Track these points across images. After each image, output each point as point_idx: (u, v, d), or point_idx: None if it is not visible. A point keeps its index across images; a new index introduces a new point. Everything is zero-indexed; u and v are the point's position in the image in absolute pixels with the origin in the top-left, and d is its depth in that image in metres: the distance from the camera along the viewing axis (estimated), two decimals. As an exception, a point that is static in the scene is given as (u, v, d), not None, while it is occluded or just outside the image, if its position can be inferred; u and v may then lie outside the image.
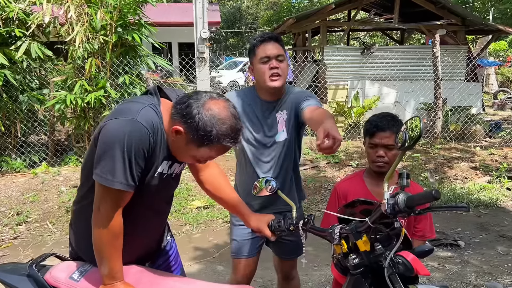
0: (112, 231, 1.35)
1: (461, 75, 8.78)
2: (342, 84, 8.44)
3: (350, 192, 1.99)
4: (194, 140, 1.33)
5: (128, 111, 1.33)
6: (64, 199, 4.81)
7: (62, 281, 1.43)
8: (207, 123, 1.30)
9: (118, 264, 1.40)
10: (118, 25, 5.76)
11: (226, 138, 1.33)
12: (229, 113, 1.35)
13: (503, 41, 18.33)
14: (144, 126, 1.30)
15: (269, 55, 2.00)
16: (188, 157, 1.42)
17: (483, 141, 7.87)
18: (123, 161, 1.28)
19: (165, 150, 1.42)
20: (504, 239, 4.08)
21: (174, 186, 1.64)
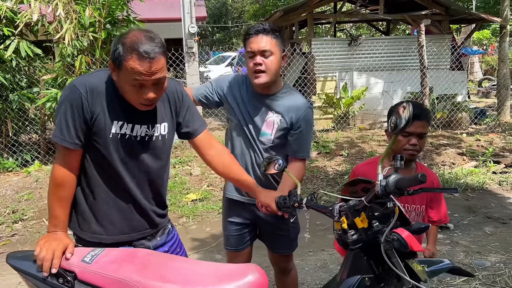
0: (54, 181, 1.56)
1: (446, 64, 8.93)
2: (331, 75, 8.53)
3: (369, 177, 2.04)
4: (115, 67, 1.47)
5: (81, 76, 1.60)
6: (59, 196, 4.83)
7: (74, 264, 1.47)
8: (116, 43, 1.47)
9: (61, 214, 1.57)
10: (106, 21, 5.76)
11: (133, 48, 1.42)
12: (139, 34, 1.47)
13: (487, 30, 18.59)
14: (78, 90, 1.50)
15: (253, 50, 1.95)
16: (125, 88, 1.49)
17: (469, 128, 8.06)
18: (60, 119, 1.52)
19: (116, 111, 1.55)
20: (491, 220, 4.23)
21: (148, 152, 1.65)
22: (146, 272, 1.41)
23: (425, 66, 7.18)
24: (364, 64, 8.53)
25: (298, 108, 2.08)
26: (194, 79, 7.29)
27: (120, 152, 1.60)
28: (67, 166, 1.55)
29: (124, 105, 1.56)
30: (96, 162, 1.62)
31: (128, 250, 1.62)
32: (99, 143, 1.57)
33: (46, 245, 1.48)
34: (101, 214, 1.65)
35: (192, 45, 7.20)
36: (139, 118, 1.60)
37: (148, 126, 1.62)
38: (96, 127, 1.55)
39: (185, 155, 6.11)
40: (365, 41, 8.65)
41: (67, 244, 1.51)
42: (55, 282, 1.47)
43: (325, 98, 7.86)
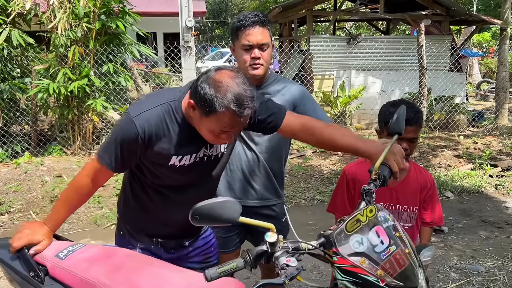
0: (74, 184, 1.56)
1: (445, 65, 8.88)
2: (328, 74, 8.46)
3: (360, 177, 1.97)
4: (202, 111, 1.35)
5: (137, 107, 1.47)
6: (48, 189, 4.74)
7: (48, 259, 1.45)
8: (206, 89, 1.33)
9: (61, 214, 1.58)
10: (101, 12, 5.66)
11: (228, 103, 1.31)
12: (233, 79, 1.34)
13: (487, 33, 18.57)
14: (136, 128, 1.42)
15: (252, 43, 1.87)
16: (206, 132, 1.42)
17: (466, 130, 7.99)
18: (111, 145, 1.48)
19: (175, 147, 1.49)
20: (486, 224, 4.16)
21: (203, 170, 1.63)
22: (116, 275, 1.36)
23: (423, 67, 7.12)
24: (362, 63, 8.46)
25: (290, 90, 2.03)
26: (190, 74, 7.19)
27: (173, 176, 1.57)
28: (94, 180, 1.55)
29: (185, 140, 1.50)
30: (142, 181, 1.62)
31: (107, 249, 1.58)
32: (151, 171, 1.56)
33: (23, 231, 1.52)
34: (142, 223, 1.70)
35: (189, 39, 7.10)
36: (199, 146, 1.54)
37: (207, 147, 1.57)
38: (152, 161, 1.52)
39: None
40: (364, 40, 8.58)
41: (38, 240, 1.50)
42: (26, 274, 1.45)
43: (322, 97, 7.79)
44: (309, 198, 4.91)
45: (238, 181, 2.11)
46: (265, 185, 2.13)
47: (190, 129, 1.47)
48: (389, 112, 1.89)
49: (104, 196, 4.76)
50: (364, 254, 1.21)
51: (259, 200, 2.14)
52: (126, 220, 1.74)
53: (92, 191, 1.59)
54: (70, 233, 4.02)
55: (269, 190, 2.15)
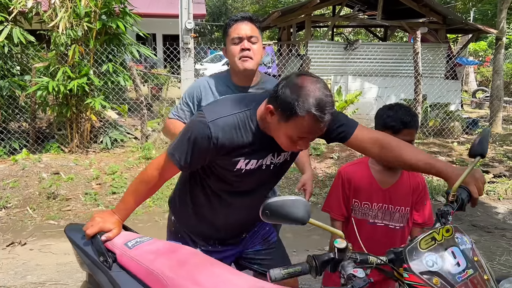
0: (143, 177, 1.61)
1: (441, 73, 8.98)
2: (325, 78, 8.54)
3: (354, 178, 2.03)
4: (282, 115, 1.35)
5: (213, 112, 1.49)
6: (45, 185, 4.78)
7: (117, 246, 1.52)
8: (288, 93, 1.33)
9: (129, 205, 1.63)
10: (102, 12, 5.73)
11: (310, 107, 1.30)
12: (314, 84, 1.34)
13: (483, 42, 18.74)
14: (211, 133, 1.44)
15: (241, 35, 1.92)
16: (284, 137, 1.41)
17: (460, 137, 8.09)
18: (183, 144, 1.51)
19: (245, 151, 1.50)
20: (476, 228, 4.24)
21: (267, 177, 1.65)
22: (180, 270, 1.40)
23: (419, 73, 7.21)
24: (359, 69, 8.55)
25: None
26: (189, 75, 7.26)
27: (237, 180, 1.59)
28: (162, 174, 1.59)
29: (255, 147, 1.51)
30: (204, 182, 1.66)
31: (173, 244, 1.62)
32: (217, 173, 1.59)
33: (94, 219, 1.60)
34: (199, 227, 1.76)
35: (188, 41, 7.16)
36: (266, 153, 1.56)
37: (274, 154, 1.58)
38: (219, 164, 1.55)
39: (175, 151, 6.08)
40: (361, 46, 8.68)
41: (109, 228, 1.58)
42: (95, 259, 1.52)
43: (319, 101, 7.86)
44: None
45: None
46: None
47: (261, 136, 1.49)
48: (386, 115, 1.94)
49: (101, 194, 4.81)
50: (437, 274, 1.17)
51: None
52: (183, 223, 1.79)
53: (159, 184, 1.62)
54: (66, 229, 4.07)
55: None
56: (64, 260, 3.43)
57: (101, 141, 6.22)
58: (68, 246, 3.68)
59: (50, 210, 4.44)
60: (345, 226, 2.14)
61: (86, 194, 4.76)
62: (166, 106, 7.81)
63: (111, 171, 5.26)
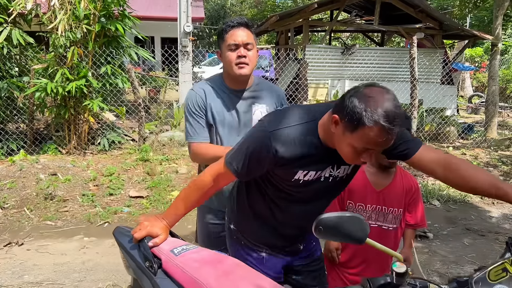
0: (197, 183, 1.60)
1: (437, 78, 9.05)
2: (323, 82, 8.60)
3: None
4: (348, 126, 1.30)
5: (275, 122, 1.47)
6: (42, 186, 4.80)
7: (163, 252, 1.50)
8: (356, 102, 1.28)
9: (179, 210, 1.61)
10: (101, 15, 5.78)
11: (378, 118, 1.24)
12: (383, 95, 1.28)
13: (479, 48, 18.87)
14: (271, 143, 1.43)
15: (237, 42, 1.93)
16: (348, 148, 1.35)
17: (456, 142, 8.15)
18: (242, 153, 1.50)
19: (305, 162, 1.47)
20: (470, 232, 4.28)
21: (325, 191, 1.62)
22: (224, 280, 1.38)
23: (415, 78, 7.28)
24: (355, 73, 8.61)
25: (276, 92, 2.17)
26: (187, 78, 7.31)
27: (294, 190, 1.57)
28: (216, 182, 1.58)
29: (315, 158, 1.48)
30: (262, 190, 1.64)
31: (218, 254, 1.59)
32: (275, 182, 1.57)
33: (143, 223, 1.58)
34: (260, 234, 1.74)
35: (187, 44, 7.22)
36: (326, 165, 1.53)
37: (333, 167, 1.54)
38: (277, 173, 1.53)
39: (172, 153, 6.10)
40: (358, 50, 8.74)
41: (157, 233, 1.55)
42: (141, 264, 1.50)
43: (316, 105, 7.92)
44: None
45: None
46: None
47: (322, 148, 1.46)
48: None
49: (98, 195, 4.83)
50: None
51: None
52: (244, 231, 1.77)
53: (212, 191, 1.60)
54: (63, 230, 4.09)
55: None
56: (61, 260, 3.45)
57: (98, 143, 6.25)
58: (64, 246, 3.72)
59: (47, 211, 4.46)
60: None
61: (83, 195, 4.78)
62: (164, 109, 7.85)
63: (108, 173, 5.28)
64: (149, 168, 5.48)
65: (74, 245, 3.74)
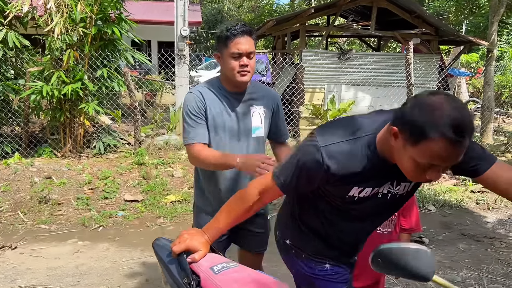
0: (241, 195, 1.51)
1: (433, 83, 9.08)
2: (319, 87, 8.61)
3: None
4: (409, 138, 1.17)
5: (327, 136, 1.36)
6: (36, 190, 4.77)
7: (202, 269, 1.42)
8: (418, 112, 1.15)
9: (221, 223, 1.52)
10: (98, 18, 5.77)
11: (444, 129, 1.10)
12: (449, 103, 1.14)
13: (475, 54, 18.98)
14: (322, 159, 1.33)
15: (241, 52, 1.97)
16: (409, 164, 1.22)
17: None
18: (293, 168, 1.40)
19: (361, 178, 1.37)
20: (466, 237, 4.28)
21: (382, 207, 1.52)
22: None
23: (411, 83, 7.30)
24: (352, 78, 8.63)
25: (272, 95, 2.22)
26: (183, 81, 7.31)
27: (347, 206, 1.49)
28: (262, 196, 1.49)
29: (372, 173, 1.36)
30: (312, 205, 1.58)
31: (260, 275, 1.49)
32: (327, 198, 1.50)
33: (182, 235, 1.48)
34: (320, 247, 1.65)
35: (183, 48, 7.22)
36: (384, 180, 1.41)
37: (393, 183, 1.43)
38: (329, 189, 1.45)
39: (168, 157, 6.09)
40: (354, 55, 8.76)
41: (196, 248, 1.45)
42: (179, 280, 1.42)
43: (312, 109, 7.92)
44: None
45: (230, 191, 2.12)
46: None
47: (380, 163, 1.33)
48: None
49: (93, 199, 4.80)
50: None
51: None
52: (301, 246, 1.68)
53: (257, 206, 1.50)
54: (57, 233, 4.05)
55: None
56: (54, 264, 3.42)
57: (94, 146, 6.22)
58: (58, 250, 3.69)
59: (42, 215, 4.43)
60: None
61: (78, 199, 4.75)
62: (160, 112, 7.83)
63: (103, 176, 5.26)
64: (144, 172, 5.46)
65: (68, 249, 3.71)
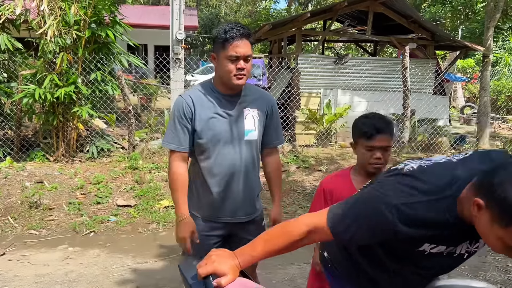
0: (284, 227, 1.35)
1: (429, 88, 9.08)
2: (315, 91, 8.58)
3: (336, 190, 1.99)
4: (499, 218, 1.03)
5: (402, 189, 1.19)
6: (27, 194, 4.69)
7: None
8: (509, 190, 1.00)
9: (255, 251, 1.35)
10: (92, 21, 5.71)
11: None
12: None
13: (471, 59, 19.04)
14: (393, 218, 1.16)
15: (239, 55, 1.94)
16: (497, 243, 1.08)
17: (448, 152, 8.14)
18: (351, 224, 1.26)
19: (437, 238, 1.22)
20: (462, 244, 4.23)
21: (455, 265, 1.39)
22: None
23: (407, 88, 7.29)
24: (348, 83, 8.61)
25: (267, 98, 2.20)
26: (179, 85, 7.24)
27: (414, 261, 1.34)
28: (310, 235, 1.32)
29: (448, 232, 1.20)
30: (371, 252, 1.45)
31: None
32: (390, 251, 1.36)
33: (210, 257, 1.35)
34: None
35: (179, 51, 7.16)
36: (462, 239, 1.27)
37: (471, 242, 1.29)
38: (394, 243, 1.30)
39: (162, 161, 6.01)
40: (350, 60, 8.75)
41: (224, 272, 1.31)
42: None
43: (308, 114, 7.88)
44: (290, 212, 4.93)
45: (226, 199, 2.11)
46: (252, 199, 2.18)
47: (460, 223, 1.18)
48: (361, 123, 1.94)
49: (85, 204, 4.72)
50: None
51: (247, 216, 2.17)
52: (351, 284, 1.62)
53: (301, 243, 1.33)
54: (47, 239, 3.97)
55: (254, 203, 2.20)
56: (42, 272, 3.34)
57: (87, 150, 6.14)
58: (47, 257, 3.60)
59: (32, 220, 4.35)
60: None
61: (69, 204, 4.67)
62: (154, 116, 7.77)
63: (96, 181, 5.18)
64: (138, 177, 5.38)
65: (58, 255, 3.63)
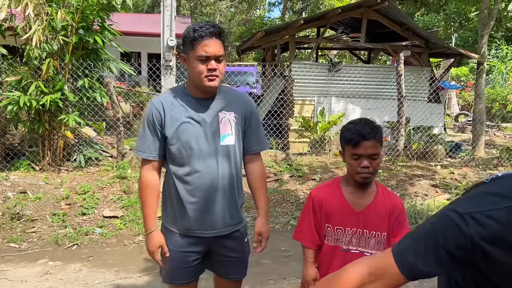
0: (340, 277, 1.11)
1: (424, 95, 9.00)
2: (309, 99, 8.47)
3: (326, 200, 1.89)
4: None
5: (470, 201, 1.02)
6: (9, 205, 4.51)
7: None
8: None
9: None
10: (79, 26, 5.57)
11: None
12: None
13: (465, 67, 19.07)
14: (468, 228, 0.97)
15: (209, 55, 1.83)
16: None
17: (443, 161, 8.03)
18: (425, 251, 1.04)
19: None
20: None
21: None
22: None
23: (402, 95, 7.19)
24: (342, 90, 8.52)
25: (244, 100, 2.06)
26: (169, 93, 7.12)
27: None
28: (375, 282, 1.08)
29: None
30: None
31: None
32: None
33: None
34: None
35: (170, 58, 7.04)
36: None
37: None
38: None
39: (152, 170, 5.85)
40: (344, 67, 8.66)
41: None
42: None
43: (302, 122, 7.76)
44: (283, 223, 4.78)
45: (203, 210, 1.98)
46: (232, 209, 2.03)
47: None
48: (346, 129, 1.84)
49: (69, 215, 4.54)
50: None
51: (227, 228, 2.03)
52: None
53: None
54: (27, 253, 3.79)
55: (235, 214, 2.06)
56: (20, 288, 3.16)
57: (74, 159, 5.96)
58: (26, 272, 3.42)
59: (13, 232, 4.16)
60: (318, 254, 1.96)
61: (53, 215, 4.49)
62: (145, 124, 7.61)
63: (82, 191, 5.00)
64: (126, 186, 5.22)
65: (37, 270, 3.45)
